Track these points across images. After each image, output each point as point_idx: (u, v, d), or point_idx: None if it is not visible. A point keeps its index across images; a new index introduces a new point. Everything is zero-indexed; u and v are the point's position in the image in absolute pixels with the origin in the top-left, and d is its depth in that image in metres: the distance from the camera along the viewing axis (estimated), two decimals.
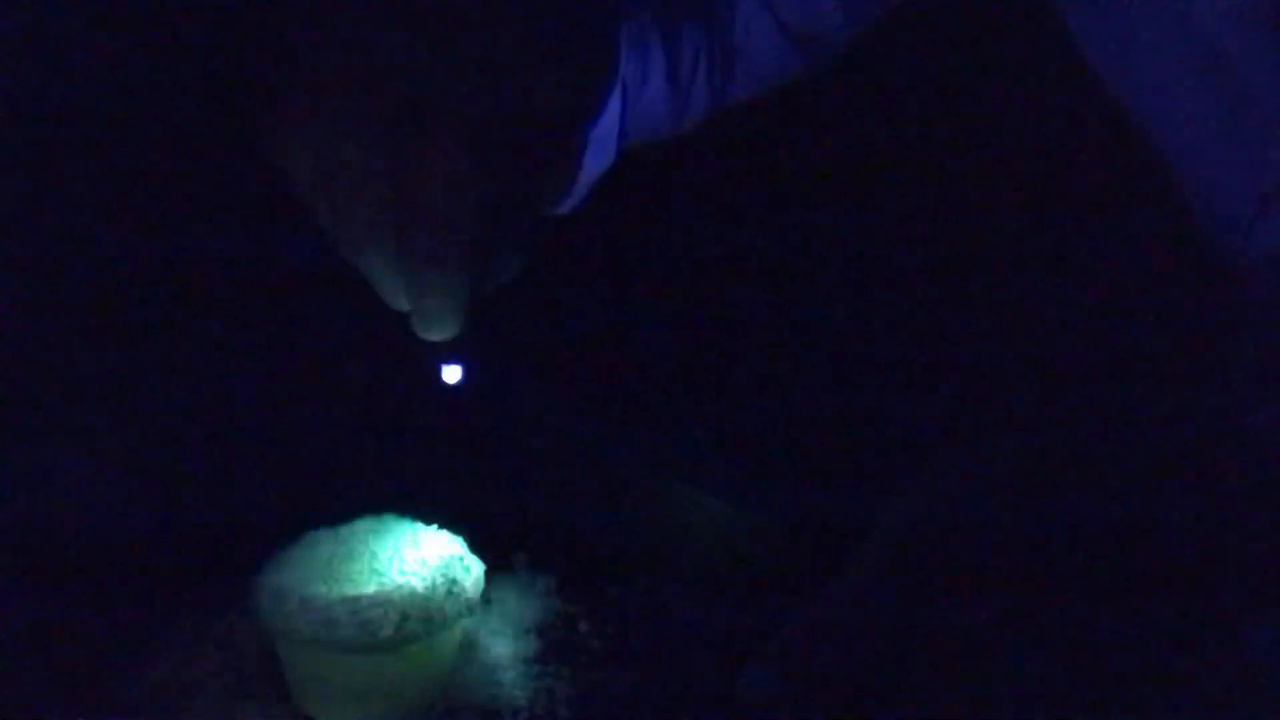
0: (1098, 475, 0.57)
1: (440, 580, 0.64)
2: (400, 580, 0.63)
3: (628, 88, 0.68)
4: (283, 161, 0.44)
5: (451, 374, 0.55)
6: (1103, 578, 0.52)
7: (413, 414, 0.89)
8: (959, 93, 1.09)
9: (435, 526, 0.69)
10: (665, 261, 1.11)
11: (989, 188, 1.07)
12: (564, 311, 1.04)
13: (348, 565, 0.65)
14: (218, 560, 0.71)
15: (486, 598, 0.70)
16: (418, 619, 0.62)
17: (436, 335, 0.48)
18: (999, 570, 0.53)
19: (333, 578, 0.63)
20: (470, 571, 0.67)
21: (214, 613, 0.71)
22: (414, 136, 0.41)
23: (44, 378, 0.83)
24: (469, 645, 0.70)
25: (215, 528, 0.74)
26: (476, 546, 0.70)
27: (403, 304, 0.48)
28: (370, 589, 0.62)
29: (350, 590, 0.62)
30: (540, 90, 0.43)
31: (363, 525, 0.68)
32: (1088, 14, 0.68)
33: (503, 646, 0.71)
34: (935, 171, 1.10)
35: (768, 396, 1.00)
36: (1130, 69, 0.67)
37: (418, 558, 0.66)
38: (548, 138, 0.45)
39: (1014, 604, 0.51)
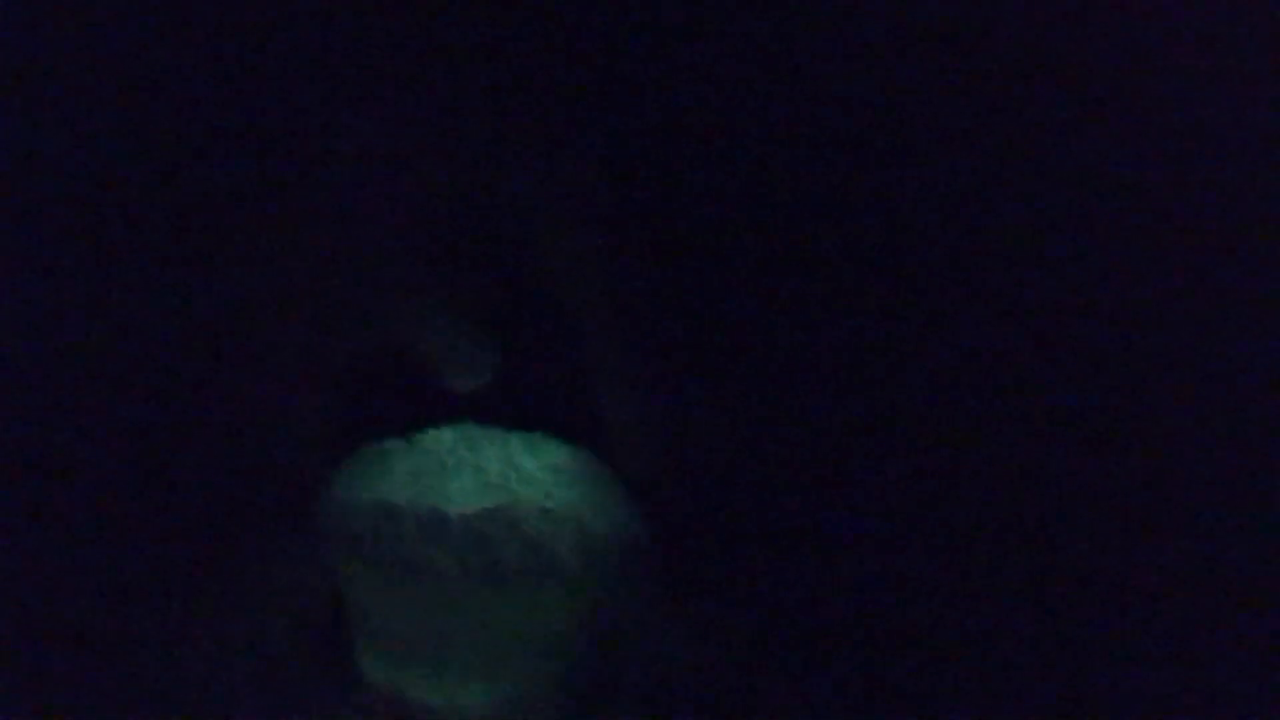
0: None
1: (598, 494, 0.44)
2: (530, 494, 0.43)
3: None
4: None
5: None
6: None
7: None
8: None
9: (540, 433, 0.49)
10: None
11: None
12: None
13: (444, 481, 0.43)
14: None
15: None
16: (599, 537, 0.41)
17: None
18: None
19: (436, 494, 0.41)
20: (615, 487, 0.47)
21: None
22: None
23: None
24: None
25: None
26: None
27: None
28: (516, 501, 0.41)
29: (482, 501, 0.41)
30: None
31: (440, 434, 0.46)
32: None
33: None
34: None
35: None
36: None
37: (543, 467, 0.45)
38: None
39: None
